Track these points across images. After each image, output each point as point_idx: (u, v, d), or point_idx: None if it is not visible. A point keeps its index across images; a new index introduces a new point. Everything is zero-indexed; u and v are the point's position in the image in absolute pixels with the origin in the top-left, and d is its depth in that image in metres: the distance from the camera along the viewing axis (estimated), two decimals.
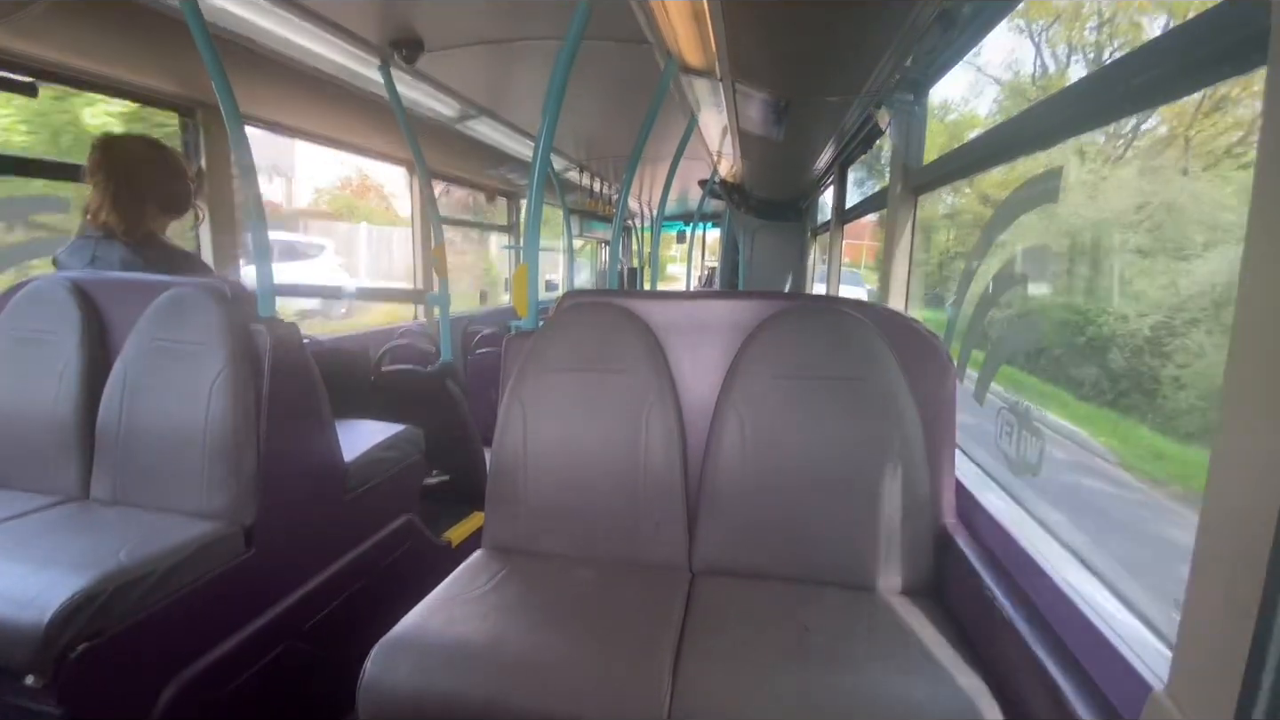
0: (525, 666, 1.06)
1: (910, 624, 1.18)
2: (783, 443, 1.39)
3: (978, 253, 1.52)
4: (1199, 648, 0.61)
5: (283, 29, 2.06)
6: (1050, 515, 1.21)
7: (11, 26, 1.62)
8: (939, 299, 2.65)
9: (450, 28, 2.22)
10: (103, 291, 1.62)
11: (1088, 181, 1.97)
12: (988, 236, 1.46)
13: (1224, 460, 0.59)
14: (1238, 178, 1.41)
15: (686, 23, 1.83)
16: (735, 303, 1.52)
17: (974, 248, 1.54)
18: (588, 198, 6.07)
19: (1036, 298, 1.42)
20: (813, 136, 2.92)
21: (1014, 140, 1.36)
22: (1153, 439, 1.51)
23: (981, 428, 1.45)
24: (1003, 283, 1.43)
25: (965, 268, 1.59)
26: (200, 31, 1.57)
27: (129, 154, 1.71)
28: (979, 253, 1.51)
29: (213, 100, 2.17)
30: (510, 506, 1.51)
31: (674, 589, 1.32)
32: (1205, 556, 0.60)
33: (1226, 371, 0.58)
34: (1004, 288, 1.42)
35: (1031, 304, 1.51)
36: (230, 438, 1.44)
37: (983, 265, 1.51)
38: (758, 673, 1.04)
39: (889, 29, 1.57)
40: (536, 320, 1.70)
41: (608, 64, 2.48)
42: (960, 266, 1.42)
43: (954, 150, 1.73)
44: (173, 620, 1.25)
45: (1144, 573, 0.97)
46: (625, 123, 3.56)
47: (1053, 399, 1.85)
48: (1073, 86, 1.08)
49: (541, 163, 1.72)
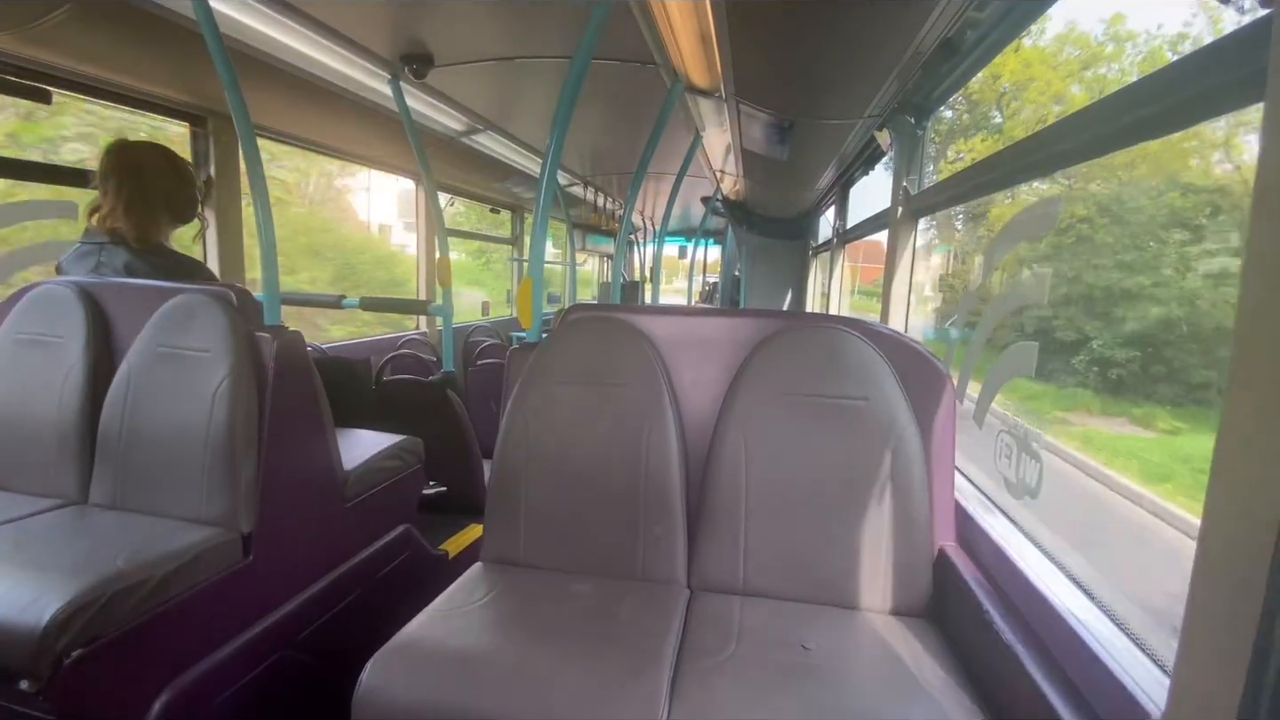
0: (522, 681, 1.06)
1: (908, 646, 1.18)
2: (783, 461, 1.39)
3: (979, 276, 1.53)
4: (1197, 675, 0.62)
5: (295, 42, 2.09)
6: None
7: (29, 35, 1.65)
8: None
9: (460, 44, 2.26)
10: (108, 296, 1.63)
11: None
12: (989, 261, 1.47)
13: (1220, 488, 0.59)
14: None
15: (693, 44, 1.86)
16: (737, 320, 1.53)
17: (975, 271, 1.55)
18: (591, 212, 6.12)
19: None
20: (815, 157, 2.95)
21: (1014, 167, 1.37)
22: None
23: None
24: (1001, 305, 1.44)
25: (965, 290, 1.60)
26: (215, 43, 1.60)
27: (141, 160, 1.73)
28: (981, 276, 1.53)
29: (223, 110, 2.20)
30: (509, 519, 1.51)
31: (672, 605, 1.31)
32: (1202, 584, 0.61)
33: (1226, 392, 0.59)
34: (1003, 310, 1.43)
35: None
36: (232, 444, 1.44)
37: (982, 289, 1.52)
38: (755, 692, 1.03)
39: (893, 55, 1.60)
40: (540, 333, 1.71)
41: (614, 82, 2.52)
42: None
43: (954, 175, 1.75)
44: (169, 627, 1.24)
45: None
46: (630, 139, 3.60)
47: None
48: (1073, 116, 1.10)
49: (549, 178, 1.74)
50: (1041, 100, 5.61)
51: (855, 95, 1.96)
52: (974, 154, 5.36)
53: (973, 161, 1.66)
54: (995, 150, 1.45)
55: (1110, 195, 3.38)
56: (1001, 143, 2.74)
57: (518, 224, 5.45)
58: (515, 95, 2.93)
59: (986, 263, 1.45)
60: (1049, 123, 1.19)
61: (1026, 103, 5.69)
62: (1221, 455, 0.59)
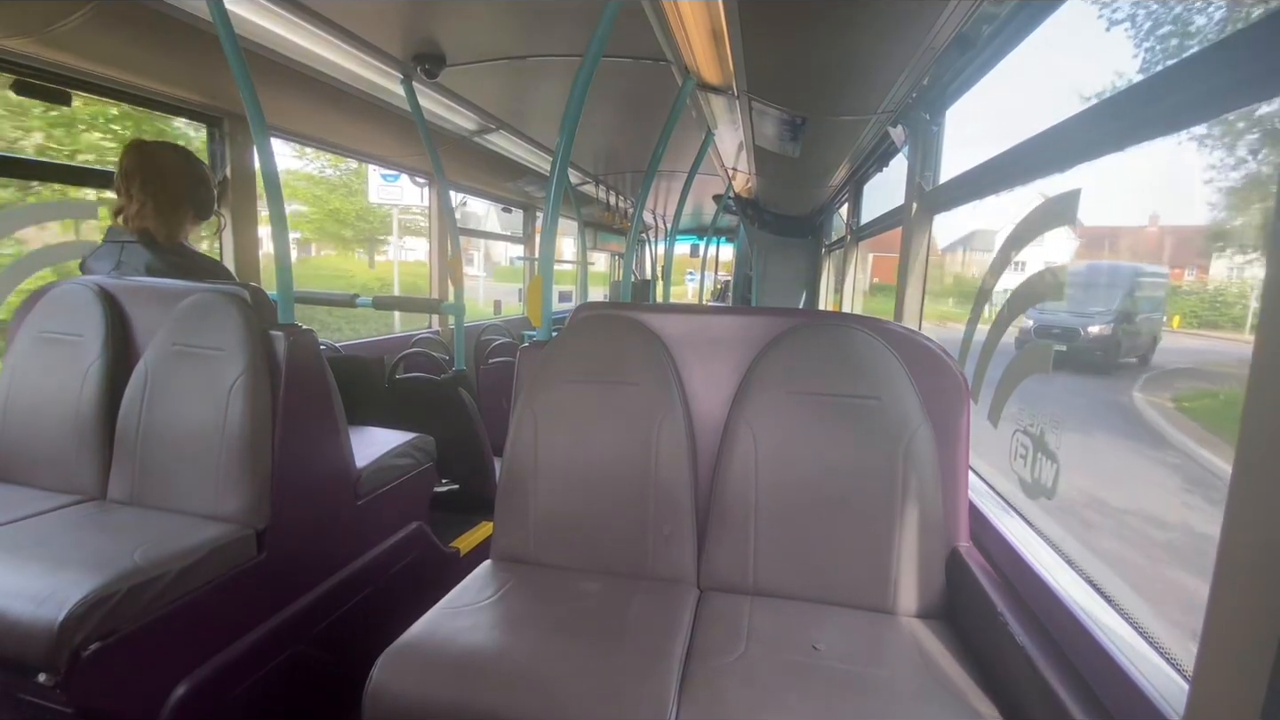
0: (531, 678, 1.06)
1: (921, 647, 1.17)
2: (794, 460, 1.38)
3: (993, 272, 1.51)
4: (1217, 681, 0.60)
5: (309, 43, 2.11)
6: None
7: (48, 38, 1.68)
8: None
9: (472, 44, 2.26)
10: (127, 296, 1.65)
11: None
12: (1003, 256, 1.45)
13: (1242, 492, 0.58)
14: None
15: (705, 41, 1.85)
16: (748, 318, 1.52)
17: (990, 268, 1.53)
18: (603, 211, 6.12)
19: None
20: (828, 153, 2.93)
21: (1031, 162, 1.35)
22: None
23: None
24: (1018, 302, 1.42)
25: (980, 287, 1.58)
26: (231, 44, 1.61)
27: (162, 160, 1.76)
28: (994, 272, 1.50)
29: (238, 111, 2.22)
30: (519, 517, 1.51)
31: (682, 604, 1.31)
32: (1223, 589, 0.59)
33: (1245, 407, 0.58)
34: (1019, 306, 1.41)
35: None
36: (246, 442, 1.46)
37: (998, 285, 1.50)
38: (765, 692, 1.03)
39: (906, 49, 1.58)
40: (550, 331, 1.71)
41: (625, 80, 2.51)
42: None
43: (969, 170, 1.73)
44: (184, 622, 1.26)
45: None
46: (641, 138, 3.59)
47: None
48: (1092, 109, 1.08)
49: (559, 176, 1.74)
50: None
51: (868, 91, 1.94)
52: None
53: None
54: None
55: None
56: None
57: (529, 223, 5.46)
58: (527, 94, 2.93)
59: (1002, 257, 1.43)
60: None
61: None
62: (1241, 462, 0.58)
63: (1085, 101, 1.10)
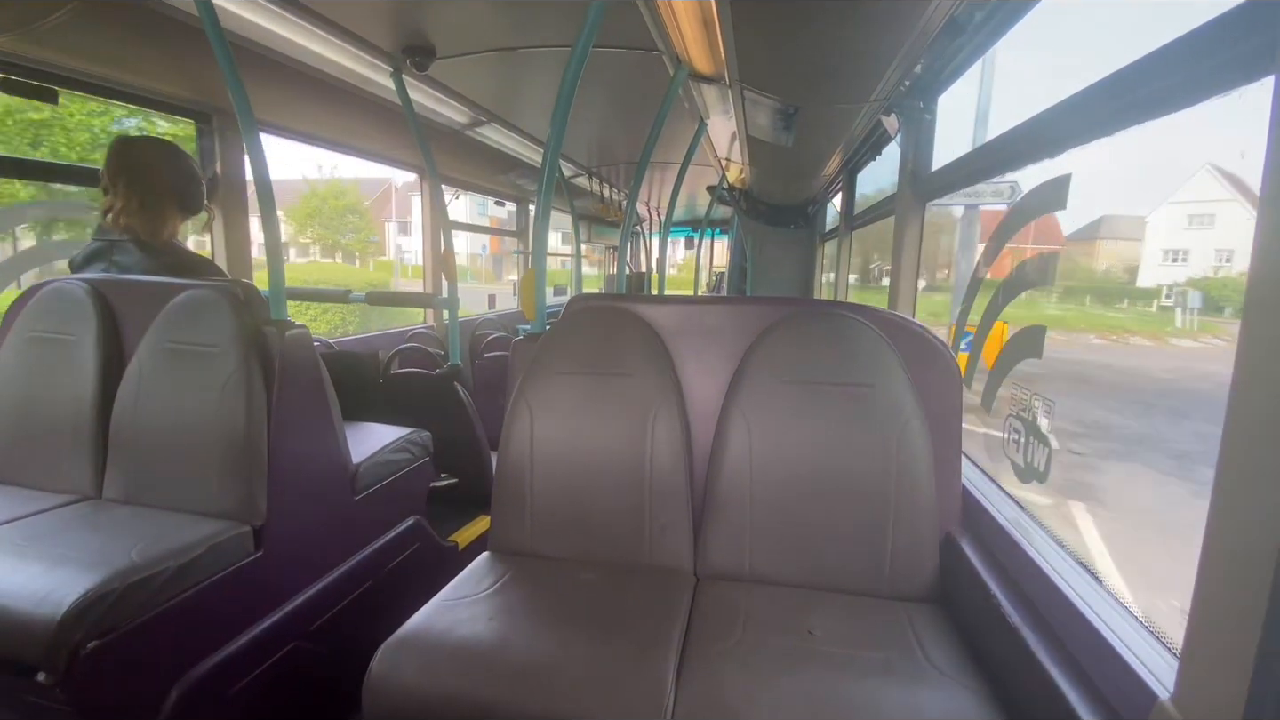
0: (530, 668, 1.07)
1: (915, 631, 1.18)
2: (788, 447, 1.39)
3: (986, 259, 1.51)
4: (1205, 657, 0.61)
5: (298, 36, 2.09)
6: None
7: (34, 35, 1.66)
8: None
9: (461, 35, 2.25)
10: (119, 293, 1.64)
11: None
12: (996, 243, 1.45)
13: (1230, 470, 0.59)
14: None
15: (696, 30, 1.84)
16: (742, 307, 1.52)
17: (982, 255, 1.54)
18: (597, 203, 6.10)
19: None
20: (821, 142, 2.92)
21: (1024, 147, 1.35)
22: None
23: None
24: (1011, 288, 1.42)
25: (973, 275, 1.58)
26: (217, 39, 1.60)
27: (147, 157, 1.74)
28: (986, 259, 1.51)
29: (227, 106, 2.20)
30: (516, 509, 1.52)
31: (679, 593, 1.32)
32: (1211, 566, 0.60)
33: (1231, 390, 0.58)
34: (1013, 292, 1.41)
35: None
36: (241, 438, 1.46)
37: (988, 272, 1.50)
38: (762, 678, 1.04)
39: (897, 36, 1.57)
40: (544, 324, 1.71)
41: (617, 70, 2.50)
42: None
43: (963, 156, 1.73)
44: (183, 619, 1.26)
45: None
46: (634, 129, 3.58)
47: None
48: (1083, 93, 1.08)
49: (550, 168, 1.73)
50: None
51: (861, 79, 1.94)
52: None
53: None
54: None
55: None
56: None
57: (523, 216, 5.44)
58: (518, 86, 2.91)
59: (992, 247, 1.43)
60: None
61: None
62: (1228, 441, 0.58)
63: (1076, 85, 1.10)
